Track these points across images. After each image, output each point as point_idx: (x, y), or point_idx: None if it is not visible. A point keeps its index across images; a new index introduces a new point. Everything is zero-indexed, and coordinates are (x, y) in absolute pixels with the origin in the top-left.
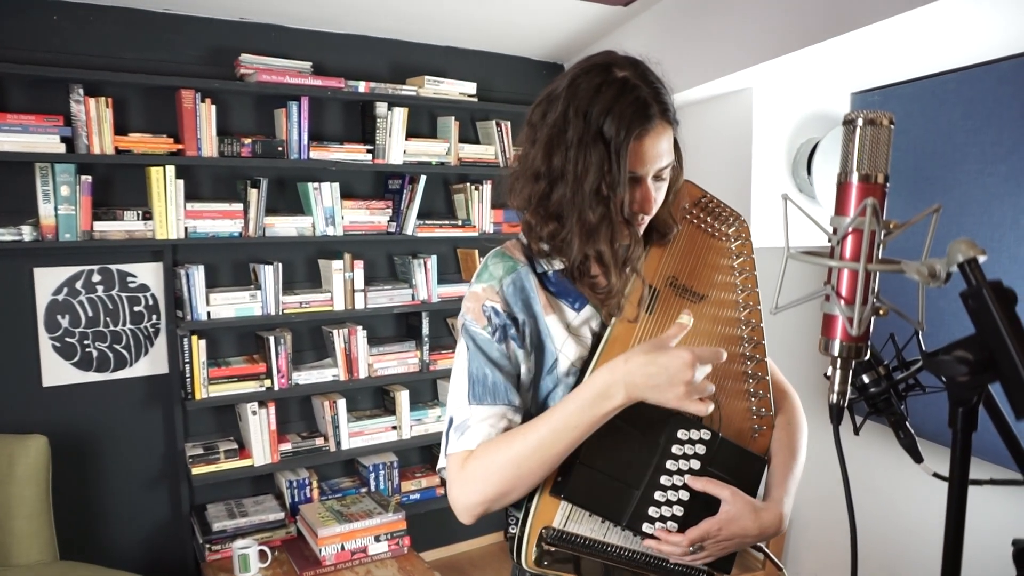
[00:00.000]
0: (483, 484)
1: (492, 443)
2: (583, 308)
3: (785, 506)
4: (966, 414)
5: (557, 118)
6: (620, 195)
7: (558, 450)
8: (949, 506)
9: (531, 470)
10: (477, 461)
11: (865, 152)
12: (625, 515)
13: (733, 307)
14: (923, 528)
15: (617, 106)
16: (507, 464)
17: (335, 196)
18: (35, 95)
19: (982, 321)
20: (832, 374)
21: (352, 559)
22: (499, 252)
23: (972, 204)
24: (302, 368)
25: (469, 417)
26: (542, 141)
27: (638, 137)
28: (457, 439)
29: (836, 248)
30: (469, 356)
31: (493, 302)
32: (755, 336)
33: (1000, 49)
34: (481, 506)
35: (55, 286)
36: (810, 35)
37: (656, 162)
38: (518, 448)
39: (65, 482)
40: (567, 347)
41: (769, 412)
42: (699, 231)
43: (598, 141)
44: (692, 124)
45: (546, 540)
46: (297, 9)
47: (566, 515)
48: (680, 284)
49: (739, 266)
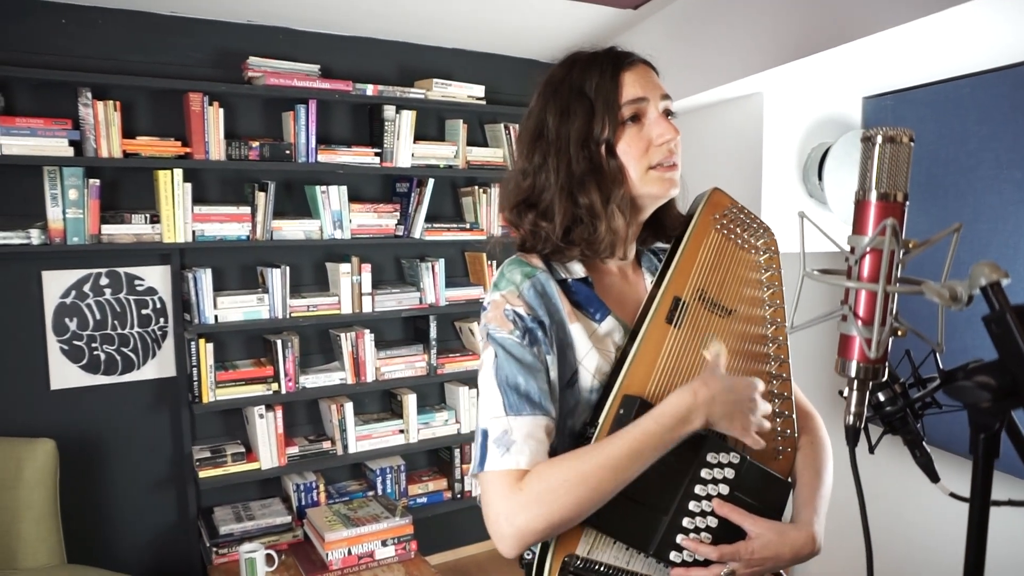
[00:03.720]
0: (551, 506)
1: (558, 462)
2: (605, 319)
3: (816, 526)
4: (988, 440)
5: (535, 110)
6: (609, 137)
7: (634, 472)
8: (969, 532)
9: (605, 492)
10: (541, 482)
11: (884, 170)
12: (653, 543)
13: (760, 323)
14: (938, 545)
15: (594, 63)
16: (579, 484)
17: (343, 199)
18: (43, 98)
19: (1006, 346)
20: (848, 395)
21: (359, 563)
22: (515, 259)
23: (987, 211)
24: (309, 371)
25: (510, 430)
26: (524, 138)
27: (627, 68)
28: (501, 455)
29: (854, 268)
30: (498, 364)
31: (515, 306)
32: (781, 354)
33: (1015, 54)
34: (544, 532)
35: (63, 289)
36: (822, 40)
37: (656, 90)
38: (592, 468)
39: (72, 485)
40: (588, 359)
41: (792, 433)
42: (728, 242)
43: (581, 98)
44: (702, 128)
45: (569, 569)
46: (305, 12)
47: (591, 542)
48: (708, 297)
49: (767, 280)
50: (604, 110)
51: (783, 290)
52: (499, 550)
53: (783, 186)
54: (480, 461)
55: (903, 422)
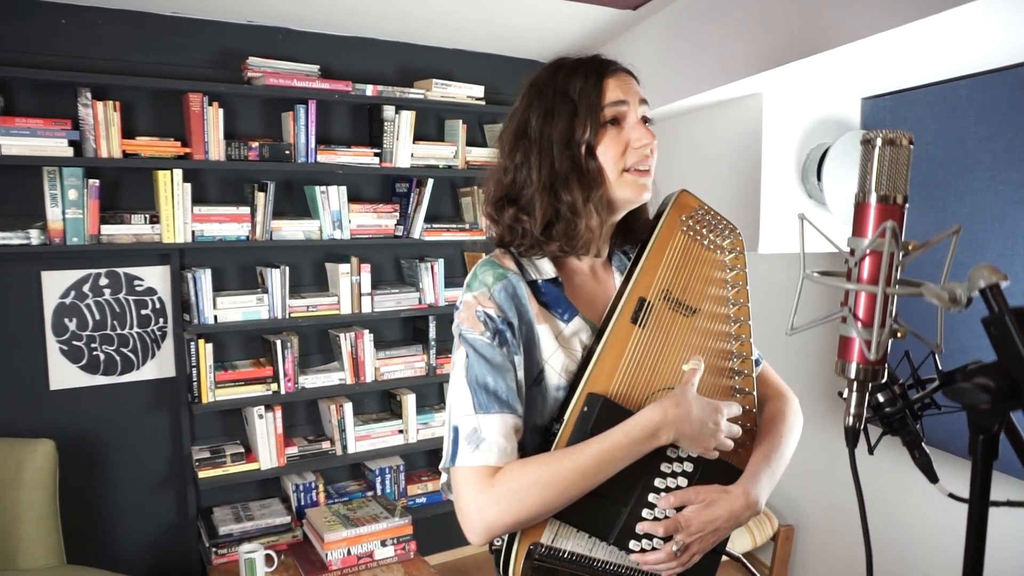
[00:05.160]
0: (520, 504)
1: (529, 463)
2: (572, 319)
3: (752, 486)
4: (987, 442)
5: (519, 110)
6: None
7: (600, 478)
8: (968, 533)
9: (570, 496)
10: (512, 480)
11: (884, 173)
12: (613, 532)
13: (724, 321)
14: (937, 546)
15: (579, 68)
16: (548, 486)
17: (342, 199)
18: (43, 99)
19: (1005, 349)
20: (848, 396)
21: (358, 563)
22: (488, 261)
23: (984, 212)
24: (309, 372)
25: (479, 427)
26: (506, 137)
27: (610, 74)
28: (472, 451)
29: (854, 270)
30: (468, 363)
31: (486, 308)
32: (744, 351)
33: (1013, 55)
34: (511, 526)
35: (62, 289)
36: (820, 41)
37: (636, 95)
38: (561, 471)
39: (72, 486)
40: (554, 359)
41: (753, 427)
42: (694, 243)
43: (565, 99)
44: (701, 129)
45: (534, 556)
46: (304, 12)
47: (555, 531)
48: (673, 297)
49: (732, 279)
50: (587, 113)
51: (748, 289)
52: (468, 538)
53: (782, 187)
54: (452, 456)
55: (902, 423)
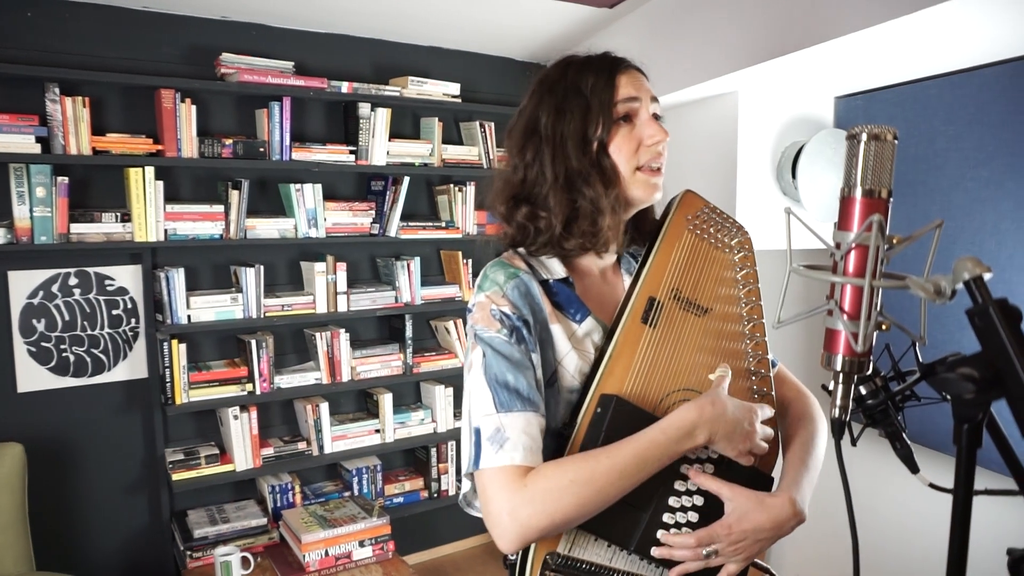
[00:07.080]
0: (556, 504)
1: (564, 462)
2: (584, 319)
3: (796, 493)
4: (971, 431)
5: (528, 108)
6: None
7: (638, 479)
8: (953, 522)
9: (607, 497)
10: (546, 479)
11: (869, 167)
12: (633, 539)
13: (737, 321)
14: (919, 536)
15: (590, 65)
16: (586, 485)
17: (317, 198)
18: (9, 94)
19: (988, 340)
20: (834, 389)
21: (336, 564)
22: (498, 262)
23: (954, 208)
24: (284, 372)
25: (502, 427)
26: (515, 135)
27: (622, 71)
28: (496, 452)
29: (840, 263)
30: (486, 362)
31: (500, 306)
32: (759, 350)
33: (982, 56)
34: (546, 529)
35: (30, 289)
36: (795, 41)
37: (647, 92)
38: (600, 470)
39: (42, 490)
40: (568, 359)
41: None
42: (702, 242)
43: (578, 95)
44: (678, 127)
45: (551, 566)
46: (279, 8)
47: (571, 540)
48: (684, 297)
49: (743, 278)
50: (600, 109)
51: (759, 288)
52: (499, 546)
53: (757, 183)
54: (475, 459)
55: (884, 415)
